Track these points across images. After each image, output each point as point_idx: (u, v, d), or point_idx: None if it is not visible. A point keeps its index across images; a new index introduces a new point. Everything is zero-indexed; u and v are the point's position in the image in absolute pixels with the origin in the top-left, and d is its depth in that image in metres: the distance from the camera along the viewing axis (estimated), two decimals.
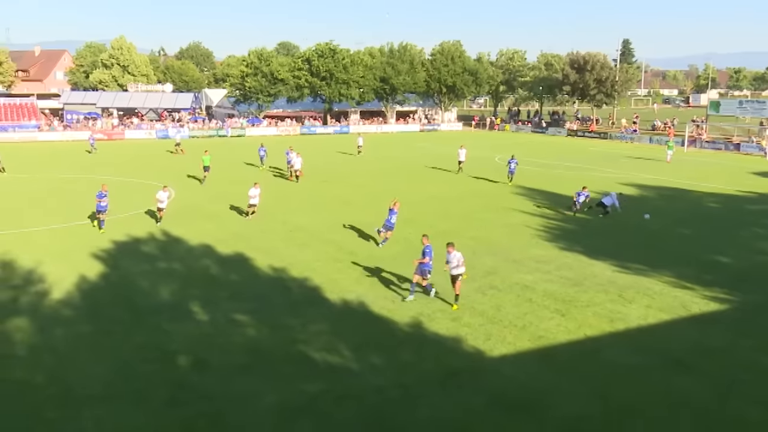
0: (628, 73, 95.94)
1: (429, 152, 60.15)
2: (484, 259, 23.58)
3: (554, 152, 61.31)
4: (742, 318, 18.18)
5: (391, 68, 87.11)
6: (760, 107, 72.27)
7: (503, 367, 15.07)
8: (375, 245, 25.61)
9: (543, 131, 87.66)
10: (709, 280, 21.34)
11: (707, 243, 26.60)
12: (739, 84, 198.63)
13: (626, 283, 21.03)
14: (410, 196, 36.65)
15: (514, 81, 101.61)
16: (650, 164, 53.05)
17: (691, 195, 38.21)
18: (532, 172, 46.51)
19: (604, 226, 29.73)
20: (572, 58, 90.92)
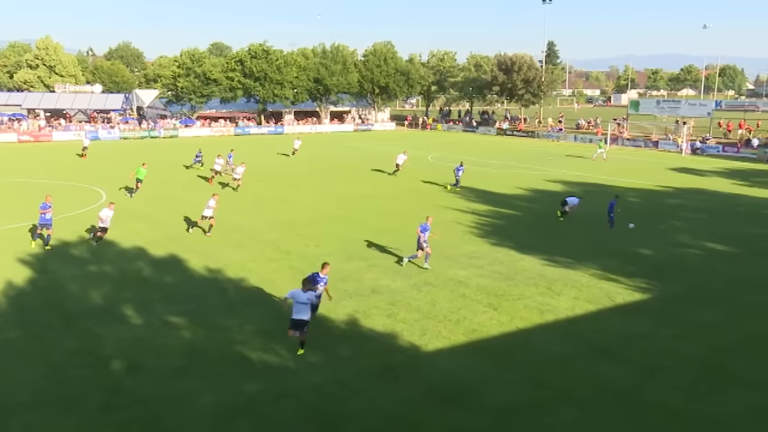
0: (554, 74, 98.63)
1: (363, 152, 60.22)
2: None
3: (485, 151, 62.29)
4: (663, 307, 18.88)
5: (325, 69, 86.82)
6: (676, 106, 75.35)
7: (439, 360, 15.22)
8: (309, 243, 25.46)
9: (473, 130, 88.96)
10: (632, 272, 22.08)
11: (629, 236, 27.51)
12: (657, 84, 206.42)
13: (555, 276, 21.54)
14: (346, 195, 36.61)
15: (444, 81, 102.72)
16: (576, 161, 54.49)
17: (613, 190, 39.40)
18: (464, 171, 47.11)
19: (532, 222, 30.38)
20: (500, 60, 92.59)
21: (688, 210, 33.84)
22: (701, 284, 21.03)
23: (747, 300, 19.52)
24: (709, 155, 62.10)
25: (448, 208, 33.15)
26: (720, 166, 52.98)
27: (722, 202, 36.11)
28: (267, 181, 41.42)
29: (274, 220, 29.62)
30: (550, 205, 34.13)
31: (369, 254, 24.04)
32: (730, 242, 26.52)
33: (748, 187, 41.88)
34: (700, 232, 28.36)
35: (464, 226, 28.87)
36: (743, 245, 26.08)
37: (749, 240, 27.01)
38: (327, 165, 50.38)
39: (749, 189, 40.96)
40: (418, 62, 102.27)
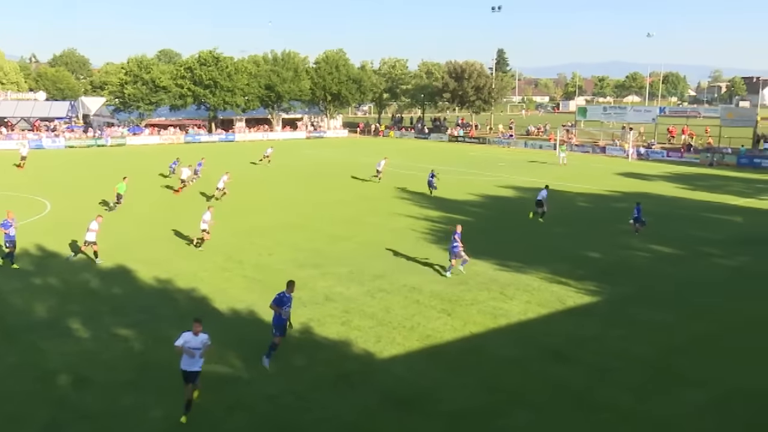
0: (504, 81, 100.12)
1: (316, 159, 59.99)
2: (372, 263, 23.74)
3: (437, 157, 62.72)
4: (612, 309, 19.25)
5: (276, 76, 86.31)
6: (622, 113, 77.31)
7: (393, 366, 15.20)
8: (262, 252, 25.20)
9: (426, 137, 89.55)
10: (582, 275, 22.47)
11: (579, 240, 28.01)
12: (603, 91, 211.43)
13: (507, 280, 21.77)
14: (299, 202, 36.40)
15: (396, 89, 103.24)
16: (526, 167, 55.29)
17: (563, 195, 40.12)
18: (417, 177, 47.33)
19: (485, 228, 30.68)
20: (451, 67, 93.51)
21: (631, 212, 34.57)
22: (649, 286, 21.52)
23: (693, 301, 20.05)
24: (655, 160, 63.75)
25: (401, 214, 33.24)
26: (665, 171, 54.44)
27: (667, 206, 37.08)
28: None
29: (226, 229, 29.23)
30: (501, 210, 34.54)
31: (322, 262, 23.92)
32: (675, 245, 27.24)
33: (690, 190, 43.12)
34: (646, 236, 29.05)
35: (418, 233, 28.98)
36: (687, 248, 26.81)
37: (693, 242, 27.79)
38: (280, 173, 50.02)
39: (692, 192, 42.18)
40: (370, 69, 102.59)
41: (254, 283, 21.36)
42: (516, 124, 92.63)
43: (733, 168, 56.92)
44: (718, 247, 27.08)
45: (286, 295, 15.15)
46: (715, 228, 30.93)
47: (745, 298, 20.40)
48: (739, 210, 36.04)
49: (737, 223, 32.41)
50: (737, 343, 16.72)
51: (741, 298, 20.37)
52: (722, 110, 72.47)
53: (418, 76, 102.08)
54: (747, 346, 16.48)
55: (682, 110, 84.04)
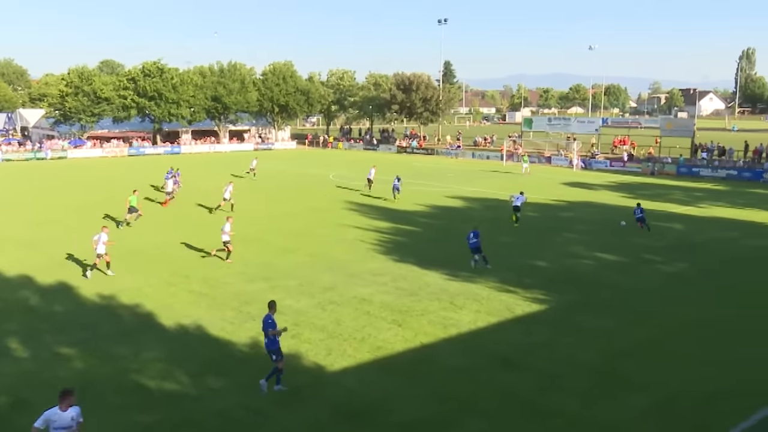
0: (451, 93, 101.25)
1: (264, 171, 59.53)
2: (322, 275, 23.68)
3: (386, 168, 62.93)
4: (559, 317, 19.62)
5: (223, 87, 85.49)
6: (566, 123, 78.98)
7: (344, 379, 15.16)
8: (210, 265, 24.88)
9: (374, 148, 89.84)
10: (529, 284, 22.84)
11: (526, 249, 28.49)
12: (548, 103, 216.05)
13: (457, 290, 21.98)
14: (247, 215, 36.06)
15: (344, 100, 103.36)
16: (473, 177, 55.99)
17: (510, 205, 40.75)
18: (361, 188, 47.45)
19: (434, 238, 30.94)
20: (399, 79, 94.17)
21: (580, 222, 35.42)
22: (594, 293, 22.02)
23: (635, 307, 20.59)
24: (599, 170, 65.29)
25: (350, 226, 33.26)
26: (608, 180, 55.84)
27: (610, 214, 38.02)
28: (165, 202, 40.21)
29: (172, 242, 28.76)
30: (450, 220, 34.87)
31: (272, 275, 23.74)
32: (619, 252, 27.95)
33: (632, 199, 44.22)
34: (591, 244, 29.74)
35: (367, 244, 29.03)
36: (631, 255, 27.54)
37: (635, 250, 28.56)
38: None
39: (634, 201, 43.24)
40: (318, 81, 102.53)
41: (201, 297, 21.06)
42: (463, 135, 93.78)
43: (673, 177, 58.74)
44: (659, 254, 27.89)
45: (271, 316, 14.60)
46: (656, 236, 31.85)
47: (684, 303, 21.05)
48: (680, 217, 37.22)
49: (678, 230, 33.45)
50: (677, 347, 17.24)
51: (679, 303, 21.02)
52: (662, 121, 74.62)
53: (366, 88, 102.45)
54: (686, 351, 17.01)
55: (624, 121, 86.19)
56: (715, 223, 35.55)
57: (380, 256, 26.78)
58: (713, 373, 15.60)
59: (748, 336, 18.18)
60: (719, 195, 47.20)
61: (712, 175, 58.87)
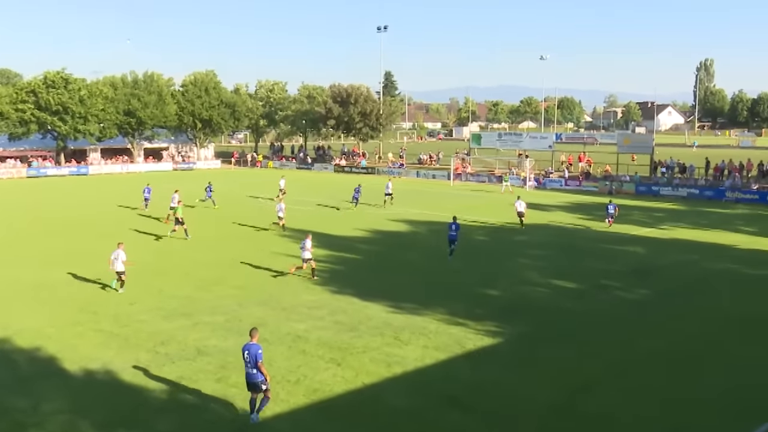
0: (392, 106, 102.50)
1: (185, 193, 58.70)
2: (252, 310, 23.42)
3: (321, 189, 63.00)
4: (512, 350, 19.87)
5: (137, 100, 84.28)
6: (518, 139, 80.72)
7: (278, 425, 14.98)
8: (121, 301, 24.30)
9: (309, 167, 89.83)
10: (480, 315, 23.09)
11: (477, 277, 28.83)
12: (498, 117, 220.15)
13: (401, 324, 22.04)
14: (164, 242, 35.44)
15: (275, 114, 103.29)
16: (418, 198, 56.46)
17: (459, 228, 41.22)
18: (299, 212, 47.32)
19: (376, 266, 31.02)
20: (335, 91, 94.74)
21: (533, 246, 36.08)
22: (549, 323, 22.40)
23: (595, 337, 21.03)
24: (553, 189, 66.84)
25: (281, 254, 33.04)
26: (563, 200, 57.15)
27: (566, 237, 38.88)
28: (69, 230, 39.22)
29: (80, 274, 27.99)
30: (393, 246, 35.04)
31: (193, 310, 23.34)
32: (575, 278, 28.57)
33: (590, 220, 45.44)
34: (546, 269, 30.30)
35: (301, 274, 28.87)
36: (586, 281, 28.18)
37: (593, 275, 29.24)
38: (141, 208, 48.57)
39: (590, 222, 44.46)
40: (245, 93, 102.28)
41: (111, 338, 20.53)
42: (407, 152, 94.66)
43: (632, 196, 60.50)
44: (617, 279, 28.62)
45: (255, 344, 15.08)
46: (615, 260, 32.69)
47: (645, 331, 21.61)
48: (640, 240, 38.31)
49: (637, 254, 34.41)
50: (641, 380, 17.64)
51: (641, 332, 21.56)
52: (618, 136, 76.91)
53: (299, 101, 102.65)
54: (650, 383, 17.43)
55: (579, 136, 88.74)
56: (676, 246, 36.73)
57: (316, 288, 26.66)
58: (680, 407, 16.01)
59: (714, 365, 18.76)
60: (680, 215, 48.86)
61: (673, 194, 60.95)
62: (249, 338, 15.37)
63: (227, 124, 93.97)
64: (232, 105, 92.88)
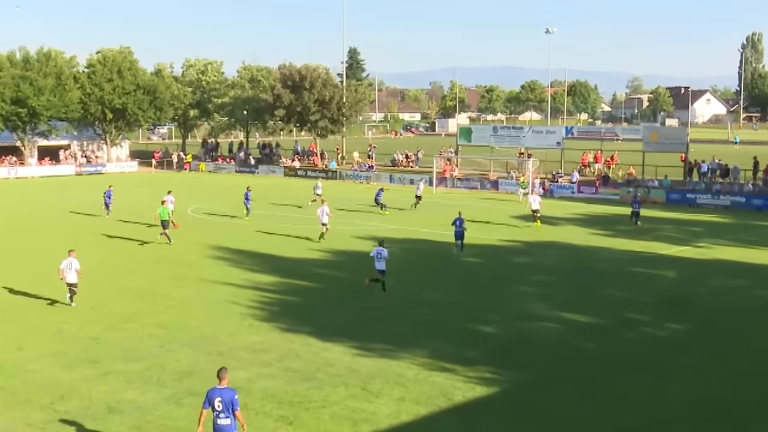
0: (358, 93, 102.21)
1: (88, 203, 58.20)
2: (178, 355, 23.25)
3: (268, 198, 62.73)
4: (513, 401, 19.92)
5: (29, 85, 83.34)
6: (518, 135, 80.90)
7: None
8: (7, 346, 24.00)
9: (252, 170, 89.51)
10: (472, 358, 23.12)
11: (466, 309, 28.86)
12: (493, 106, 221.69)
13: (371, 370, 22.00)
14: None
15: (208, 103, 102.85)
16: (391, 210, 56.39)
17: (442, 248, 41.28)
18: (241, 228, 47.11)
19: (338, 297, 30.96)
20: (285, 73, 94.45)
21: (539, 270, 36.26)
22: (558, 368, 22.47)
23: (618, 387, 21.15)
24: (562, 197, 67.06)
25: (217, 282, 32.86)
26: (576, 212, 57.49)
27: (580, 259, 39.12)
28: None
29: None
30: (359, 271, 35.00)
31: (102, 355, 23.12)
32: (590, 310, 28.74)
33: (610, 237, 45.75)
34: (555, 299, 30.44)
35: (243, 307, 28.73)
36: (608, 314, 28.37)
37: (614, 307, 29.45)
38: (36, 222, 48.08)
39: (611, 240, 44.75)
40: (170, 76, 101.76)
41: None
42: (377, 151, 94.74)
43: (661, 206, 60.90)
44: (645, 311, 28.86)
45: (228, 389, 15.51)
46: (641, 287, 32.94)
47: (681, 379, 21.76)
48: (672, 262, 38.67)
49: (669, 280, 34.73)
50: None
51: (675, 380, 21.70)
52: (644, 131, 77.61)
53: (240, 86, 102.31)
54: None
55: (595, 131, 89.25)
56: (718, 268, 37.15)
57: (262, 325, 26.53)
58: None
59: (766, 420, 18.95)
60: (722, 229, 49.43)
61: (713, 202, 61.49)
62: (217, 382, 15.47)
63: (146, 116, 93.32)
64: (152, 91, 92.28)
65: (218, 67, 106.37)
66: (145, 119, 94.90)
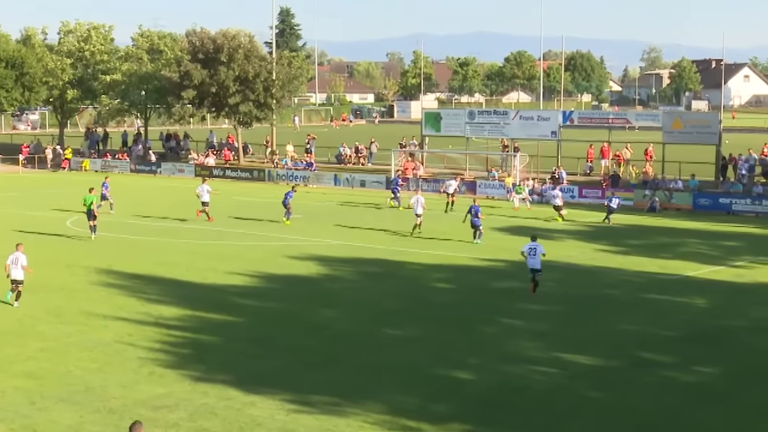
0: (293, 68, 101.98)
1: None
2: (55, 414, 23.08)
3: (172, 207, 62.44)
4: None
5: None
6: (501, 121, 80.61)
7: None
8: None
9: (152, 169, 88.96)
10: (444, 413, 23.18)
11: (436, 350, 28.87)
12: (469, 85, 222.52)
13: (310, 430, 21.97)
14: None
15: (93, 80, 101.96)
16: (338, 220, 56.35)
17: (405, 269, 41.37)
18: (133, 245, 46.85)
19: (266, 334, 30.87)
20: (195, 42, 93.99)
21: (530, 299, 36.33)
22: (554, 424, 22.63)
23: None
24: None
25: (107, 316, 32.66)
26: (578, 221, 57.81)
27: (583, 283, 39.36)
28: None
29: None
30: (297, 300, 35.03)
31: None
32: (596, 349, 28.88)
33: (621, 255, 46.09)
34: (551, 336, 30.58)
35: (142, 350, 28.56)
36: (615, 353, 28.51)
37: (623, 343, 29.62)
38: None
39: (623, 258, 45.08)
40: (42, 44, 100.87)
41: None
42: (318, 144, 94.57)
43: (686, 214, 61.44)
44: (667, 350, 29.09)
45: None
46: (662, 319, 33.21)
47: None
48: (701, 286, 39.09)
49: (698, 309, 35.06)
50: None
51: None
52: (665, 116, 78.08)
53: (135, 58, 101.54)
54: None
55: (601, 117, 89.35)
56: (759, 294, 37.58)
57: (166, 373, 26.37)
58: None
59: None
60: (765, 244, 50.10)
61: (753, 209, 62.17)
62: None
63: (10, 97, 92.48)
64: (18, 64, 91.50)
65: (107, 33, 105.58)
66: (9, 102, 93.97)
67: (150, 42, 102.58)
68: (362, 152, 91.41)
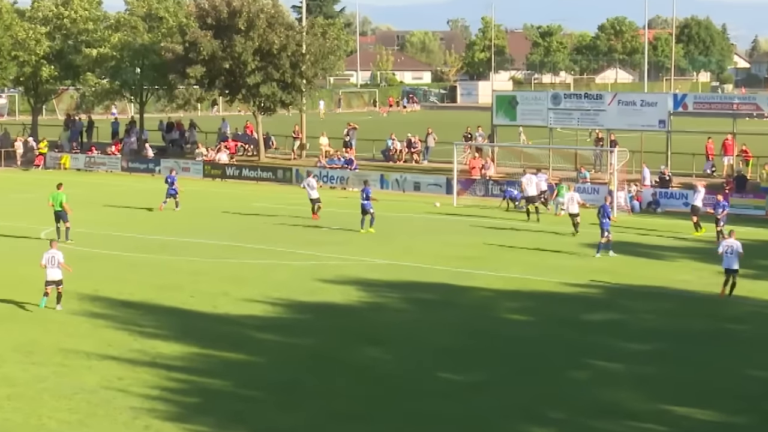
0: (328, 39, 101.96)
1: None
2: None
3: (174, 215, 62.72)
4: None
5: None
6: (594, 107, 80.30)
7: None
8: None
9: (149, 167, 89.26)
10: None
11: (507, 399, 28.83)
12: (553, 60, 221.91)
13: None
14: None
15: (76, 54, 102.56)
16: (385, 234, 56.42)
17: (470, 297, 41.38)
18: (127, 264, 47.13)
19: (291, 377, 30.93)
20: (204, 6, 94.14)
21: (629, 334, 36.22)
22: None
23: None
24: (670, 212, 66.78)
25: (92, 354, 32.86)
26: (691, 237, 57.46)
27: (698, 315, 39.10)
28: None
29: None
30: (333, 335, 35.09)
31: None
32: (721, 402, 28.63)
33: (749, 279, 45.66)
34: (657, 383, 30.42)
35: (135, 398, 28.70)
36: (748, 407, 28.23)
37: (758, 394, 29.36)
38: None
39: (752, 284, 44.69)
40: (11, 10, 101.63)
41: None
42: (359, 136, 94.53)
43: None
44: None
45: None
46: None
47: None
48: None
49: None
50: None
51: None
52: None
53: (129, 27, 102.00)
54: None
55: (723, 101, 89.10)
56: None
57: (166, 427, 26.43)
58: None
59: None
60: None
61: None
62: None
63: None
64: None
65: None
66: None
67: (147, 6, 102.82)
68: (416, 146, 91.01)
